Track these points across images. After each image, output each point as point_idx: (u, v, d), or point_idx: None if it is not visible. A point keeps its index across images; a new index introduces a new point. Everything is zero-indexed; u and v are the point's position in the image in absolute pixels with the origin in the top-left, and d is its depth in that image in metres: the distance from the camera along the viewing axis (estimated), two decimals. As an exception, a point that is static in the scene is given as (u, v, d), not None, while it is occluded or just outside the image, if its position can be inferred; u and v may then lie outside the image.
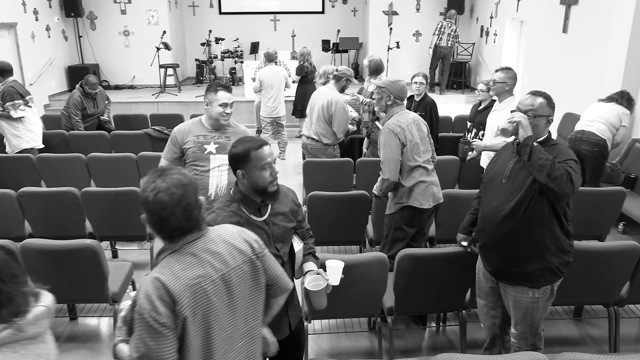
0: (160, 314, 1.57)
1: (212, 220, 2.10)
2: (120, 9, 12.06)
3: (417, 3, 12.38)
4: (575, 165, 2.45)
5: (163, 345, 1.58)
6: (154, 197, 1.62)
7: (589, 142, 5.11)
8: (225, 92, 3.34)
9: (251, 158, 2.12)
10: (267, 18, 13.54)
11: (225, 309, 1.73)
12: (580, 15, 7.02)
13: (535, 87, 8.67)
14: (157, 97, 10.59)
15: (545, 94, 2.63)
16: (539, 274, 2.60)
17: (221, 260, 1.73)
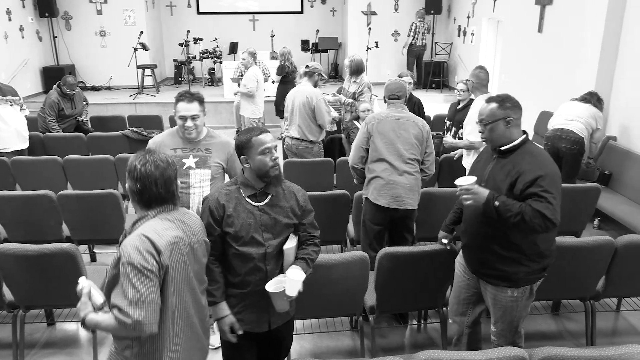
0: (148, 262, 1.83)
1: (211, 194, 2.39)
2: (96, 9, 11.89)
3: (395, 3, 12.46)
4: (549, 184, 2.41)
5: (151, 289, 1.83)
6: (141, 166, 1.93)
7: (569, 140, 5.20)
8: (185, 103, 3.01)
9: (252, 144, 2.30)
10: (246, 18, 13.49)
11: (193, 273, 2.05)
12: (554, 15, 7.14)
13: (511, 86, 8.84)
14: (135, 98, 10.46)
15: (497, 99, 2.62)
16: (517, 276, 2.62)
17: (190, 229, 2.05)
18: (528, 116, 7.51)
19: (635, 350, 2.13)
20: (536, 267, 2.62)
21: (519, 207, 2.40)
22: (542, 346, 2.15)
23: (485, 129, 2.60)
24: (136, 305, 1.79)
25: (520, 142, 2.59)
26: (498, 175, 2.57)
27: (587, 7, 6.17)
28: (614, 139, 5.86)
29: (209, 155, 3.13)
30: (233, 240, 2.33)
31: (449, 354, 2.11)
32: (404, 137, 3.64)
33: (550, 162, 2.54)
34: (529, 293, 2.71)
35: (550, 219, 2.36)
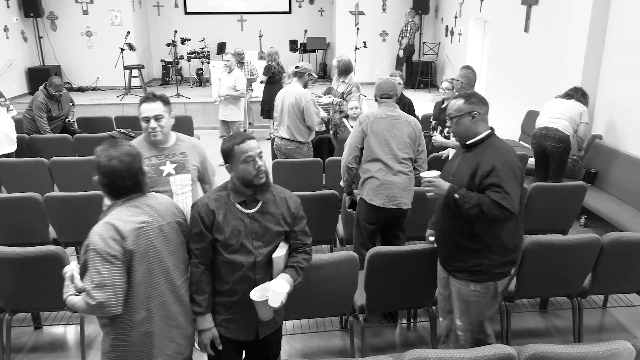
0: (112, 248, 1.96)
1: (200, 200, 2.32)
2: (82, 9, 11.78)
3: (383, 3, 12.49)
4: (506, 174, 2.47)
5: (114, 273, 1.97)
6: (107, 162, 2.05)
7: (554, 139, 5.26)
8: (148, 104, 2.86)
9: (235, 152, 2.24)
10: (234, 18, 13.45)
11: (165, 255, 2.16)
12: (540, 15, 7.21)
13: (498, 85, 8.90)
14: (122, 99, 10.39)
15: (464, 95, 2.74)
16: (479, 269, 2.65)
17: (158, 213, 2.17)
18: (515, 115, 7.60)
19: (621, 347, 2.16)
20: (500, 261, 2.64)
21: (477, 198, 2.47)
22: (530, 344, 2.17)
23: (452, 123, 2.71)
24: (99, 289, 1.94)
25: (484, 136, 2.66)
26: (462, 168, 2.66)
27: (572, 7, 6.23)
28: (600, 138, 5.92)
29: (185, 159, 3.00)
30: (222, 248, 2.27)
31: (439, 352, 2.12)
32: (397, 137, 3.65)
33: (510, 153, 2.60)
34: (494, 292, 2.72)
35: (508, 208, 2.41)
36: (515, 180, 2.49)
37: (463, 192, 2.52)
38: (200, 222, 2.26)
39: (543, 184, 4.59)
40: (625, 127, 5.57)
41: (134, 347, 2.10)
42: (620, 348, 2.16)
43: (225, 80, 7.46)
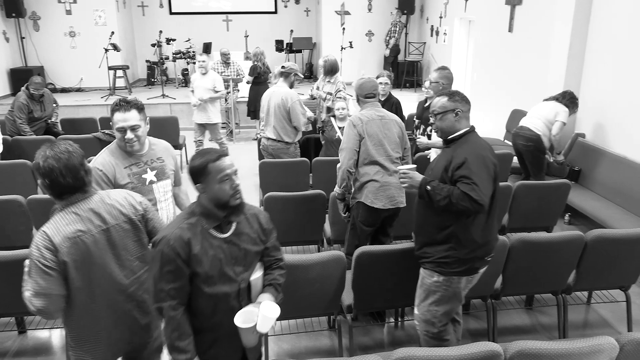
0: (46, 259, 1.99)
1: (169, 232, 2.04)
2: (65, 9, 11.65)
3: (369, 3, 12.53)
4: (477, 167, 2.55)
5: (50, 283, 2.00)
6: (43, 163, 2.01)
7: (524, 137, 5.40)
8: (121, 113, 2.67)
9: (209, 170, 2.04)
10: (219, 18, 13.39)
11: (108, 258, 2.15)
12: (524, 15, 7.28)
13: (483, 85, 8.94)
14: (107, 100, 10.29)
15: (448, 93, 2.83)
16: (446, 260, 2.72)
17: (100, 218, 2.14)
18: (500, 114, 7.66)
19: (605, 342, 2.19)
20: (467, 256, 2.69)
21: (447, 190, 2.56)
22: (516, 340, 2.20)
23: (436, 119, 2.80)
24: (36, 297, 1.99)
25: (463, 132, 2.75)
26: (440, 162, 2.76)
27: (555, 7, 6.30)
28: (583, 136, 6.00)
29: (164, 164, 2.88)
30: (203, 282, 2.05)
31: (426, 351, 2.13)
32: (389, 137, 3.64)
33: (483, 148, 2.70)
34: (454, 290, 2.77)
35: (476, 199, 2.49)
36: (486, 173, 2.58)
37: (435, 184, 2.63)
38: (176, 258, 2.01)
39: (527, 182, 4.64)
40: (608, 126, 5.65)
41: (87, 332, 2.18)
42: (604, 343, 2.19)
43: (202, 82, 7.22)
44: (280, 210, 4.12)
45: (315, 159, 5.22)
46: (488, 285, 3.42)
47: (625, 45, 5.34)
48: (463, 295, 2.87)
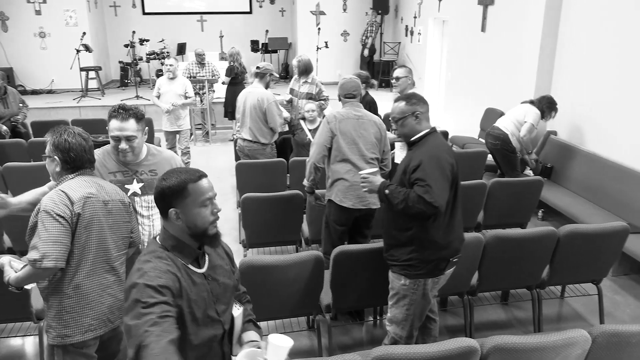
0: (61, 210, 2.17)
1: (151, 269, 1.67)
2: (35, 9, 11.39)
3: (344, 3, 12.56)
4: (431, 168, 2.56)
5: (61, 231, 2.16)
6: (72, 139, 2.29)
7: (492, 136, 5.57)
8: (118, 122, 2.55)
9: (188, 192, 1.72)
10: (194, 18, 13.27)
11: (107, 228, 2.33)
12: (496, 14, 7.39)
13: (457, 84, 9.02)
14: (79, 102, 10.11)
15: (404, 97, 2.82)
16: (410, 263, 2.72)
17: (105, 191, 2.37)
18: (474, 113, 7.77)
19: (578, 335, 2.24)
20: (430, 257, 2.70)
21: (404, 193, 2.59)
22: (492, 335, 2.23)
23: (397, 125, 2.80)
24: (45, 243, 2.13)
25: (424, 134, 2.75)
26: (402, 165, 2.77)
27: (526, 7, 6.42)
28: (555, 134, 6.12)
29: (155, 178, 2.66)
30: (189, 327, 1.73)
31: (405, 349, 2.15)
32: (365, 137, 3.65)
33: (440, 149, 2.69)
34: (422, 290, 2.77)
35: (430, 202, 2.49)
36: (440, 175, 2.58)
37: (392, 188, 2.66)
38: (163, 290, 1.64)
39: (501, 180, 4.72)
40: (579, 124, 5.78)
41: (69, 300, 2.26)
42: (578, 336, 2.24)
43: (172, 87, 6.74)
44: (257, 211, 4.11)
45: (292, 159, 5.22)
46: (464, 282, 3.47)
47: (595, 44, 5.47)
48: (432, 296, 2.86)
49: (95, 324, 2.31)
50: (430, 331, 3.16)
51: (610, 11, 5.20)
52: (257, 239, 4.27)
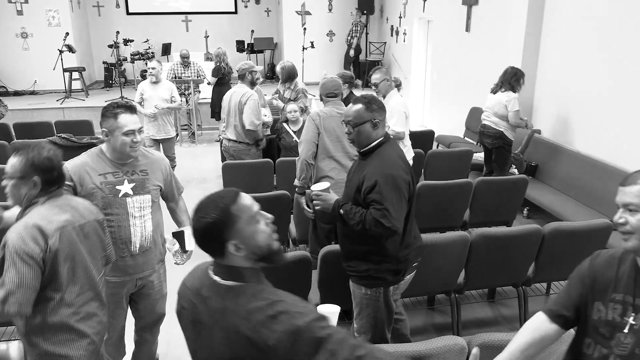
0: (30, 248, 1.98)
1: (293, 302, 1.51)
2: (16, 9, 11.23)
3: (329, 3, 12.57)
4: (388, 191, 2.43)
5: (29, 274, 1.97)
6: (53, 156, 2.14)
7: (489, 136, 5.56)
8: (129, 115, 2.58)
9: (236, 216, 1.49)
10: (178, 18, 13.19)
11: (85, 253, 2.21)
12: (480, 14, 7.45)
13: (443, 83, 9.08)
14: (63, 103, 9.99)
15: (364, 99, 2.63)
16: (368, 274, 2.65)
17: (79, 213, 2.22)
18: (459, 112, 7.82)
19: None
20: (389, 267, 2.64)
21: (360, 215, 2.47)
22: (479, 333, 2.25)
23: (353, 131, 2.61)
24: (11, 283, 1.96)
25: (376, 144, 2.61)
26: (355, 177, 2.64)
27: (509, 8, 6.48)
28: (539, 132, 6.19)
29: (146, 178, 2.68)
30: None
31: (392, 346, 2.16)
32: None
33: (395, 166, 2.54)
34: (384, 300, 2.71)
35: (388, 227, 2.41)
36: (397, 196, 2.46)
37: (347, 208, 2.53)
38: None
39: (487, 178, 4.76)
40: (562, 122, 5.85)
41: (55, 337, 2.12)
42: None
43: (157, 91, 6.29)
44: (244, 212, 4.09)
45: (279, 160, 5.21)
46: (451, 280, 3.49)
47: (577, 43, 5.54)
48: (394, 300, 2.81)
49: (86, 355, 2.20)
50: (399, 330, 3.12)
51: (593, 10, 5.27)
52: (244, 240, 4.25)
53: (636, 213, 1.56)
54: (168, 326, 3.15)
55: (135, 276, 2.76)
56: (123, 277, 2.72)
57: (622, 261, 1.69)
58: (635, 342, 1.56)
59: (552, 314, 1.82)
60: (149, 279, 2.83)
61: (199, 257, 1.73)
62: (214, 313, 1.50)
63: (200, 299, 1.55)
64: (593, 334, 1.69)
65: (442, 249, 3.30)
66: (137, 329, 3.03)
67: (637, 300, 1.60)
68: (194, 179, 7.02)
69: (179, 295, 1.65)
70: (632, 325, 1.58)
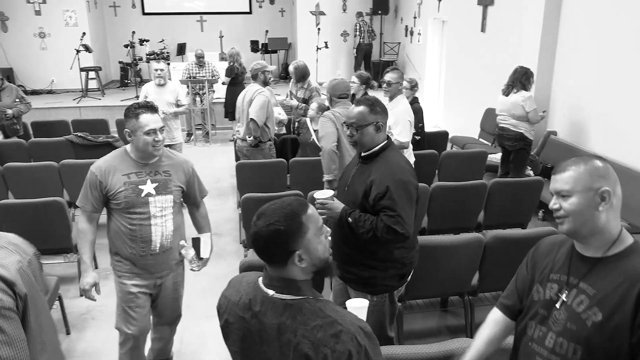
0: (4, 301, 1.63)
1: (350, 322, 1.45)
2: (35, 10, 11.40)
3: (343, 4, 12.56)
4: (399, 196, 2.40)
5: (15, 327, 1.65)
6: None
7: (509, 138, 5.54)
8: (150, 114, 2.61)
9: (306, 227, 1.46)
10: (193, 18, 13.28)
11: (40, 293, 1.90)
12: (496, 15, 7.40)
13: (457, 84, 9.01)
14: (79, 102, 10.11)
15: (367, 102, 2.58)
16: (373, 281, 2.59)
17: (21, 250, 1.88)
18: (474, 113, 7.77)
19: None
20: (394, 273, 2.61)
21: (371, 223, 2.42)
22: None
23: (356, 133, 2.55)
24: (6, 346, 1.65)
25: (380, 148, 2.56)
26: (357, 181, 2.58)
27: (526, 8, 6.42)
28: (555, 134, 6.12)
29: (168, 179, 2.71)
30: None
31: (404, 348, 2.15)
32: None
33: (404, 171, 2.51)
34: (389, 300, 2.68)
35: (402, 233, 2.38)
36: (408, 202, 2.44)
37: (356, 216, 2.46)
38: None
39: (501, 180, 4.72)
40: (579, 123, 5.78)
41: None
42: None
43: (162, 95, 5.95)
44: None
45: (293, 160, 5.22)
46: (465, 282, 3.47)
47: (595, 43, 5.47)
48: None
49: None
50: None
51: (611, 8, 5.20)
52: (257, 239, 4.27)
53: (568, 198, 1.65)
54: (181, 326, 3.18)
55: (156, 275, 2.78)
56: (144, 276, 2.74)
57: (562, 245, 1.81)
58: (567, 317, 1.65)
59: (501, 306, 1.99)
60: (167, 279, 2.85)
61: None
62: (269, 329, 1.46)
63: (251, 313, 1.50)
64: (534, 315, 1.77)
65: (456, 250, 3.28)
66: (154, 328, 3.06)
67: (570, 278, 1.69)
68: (208, 178, 7.05)
69: (222, 309, 1.60)
70: (564, 302, 1.67)
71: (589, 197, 1.62)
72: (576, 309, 1.63)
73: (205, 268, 2.95)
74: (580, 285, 1.64)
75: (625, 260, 1.60)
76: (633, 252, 1.62)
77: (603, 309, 1.56)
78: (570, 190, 1.65)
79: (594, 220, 1.62)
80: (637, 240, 1.70)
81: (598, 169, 1.66)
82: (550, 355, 1.67)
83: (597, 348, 1.56)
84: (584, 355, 1.59)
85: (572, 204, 1.64)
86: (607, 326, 1.54)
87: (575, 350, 1.60)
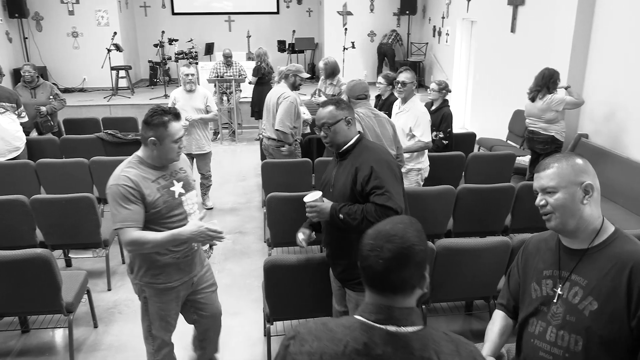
0: None
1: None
2: (68, 10, 11.67)
3: (371, 4, 12.52)
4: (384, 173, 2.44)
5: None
6: None
7: (540, 141, 5.50)
8: (176, 122, 2.59)
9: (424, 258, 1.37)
10: (222, 18, 13.41)
11: None
12: (527, 15, 7.27)
13: (486, 85, 8.89)
14: (110, 100, 10.32)
15: (332, 101, 2.66)
16: None
17: None
18: (502, 114, 7.65)
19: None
20: None
21: (362, 211, 2.42)
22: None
23: (329, 132, 2.60)
24: None
25: (355, 141, 2.63)
26: (341, 177, 2.60)
27: (558, 8, 6.29)
28: (586, 137, 5.99)
29: (187, 175, 2.77)
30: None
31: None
32: (384, 134, 3.74)
33: (383, 152, 2.63)
34: None
35: (394, 209, 2.39)
36: (394, 178, 2.49)
37: (346, 210, 2.46)
38: None
39: (530, 183, 4.62)
40: (614, 126, 5.63)
41: None
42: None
43: (191, 101, 5.70)
44: (282, 211, 4.12)
45: (318, 159, 5.22)
46: (491, 286, 3.42)
47: (628, 44, 5.33)
48: None
49: None
50: None
51: (646, 11, 5.06)
52: (282, 238, 4.28)
53: (554, 194, 1.72)
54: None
55: (192, 274, 2.79)
56: (183, 278, 2.73)
57: (548, 241, 1.91)
58: (565, 310, 1.72)
59: (499, 306, 2.08)
60: (201, 274, 2.87)
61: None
62: None
63: (368, 358, 1.28)
64: (534, 312, 1.83)
65: (482, 254, 3.24)
66: (199, 331, 3.05)
67: (562, 272, 1.77)
68: (234, 176, 7.13)
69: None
70: (560, 295, 1.74)
71: (574, 192, 1.72)
72: (572, 300, 1.70)
73: (230, 265, 2.99)
74: (572, 277, 1.73)
75: (610, 247, 1.71)
76: (616, 239, 1.73)
77: (597, 297, 1.64)
78: (556, 186, 1.73)
79: (579, 213, 1.71)
80: (617, 228, 1.80)
81: (579, 164, 1.77)
82: (553, 349, 1.73)
83: (597, 336, 1.62)
84: (585, 345, 1.65)
85: (559, 199, 1.72)
86: (604, 313, 1.61)
87: (576, 341, 1.67)
